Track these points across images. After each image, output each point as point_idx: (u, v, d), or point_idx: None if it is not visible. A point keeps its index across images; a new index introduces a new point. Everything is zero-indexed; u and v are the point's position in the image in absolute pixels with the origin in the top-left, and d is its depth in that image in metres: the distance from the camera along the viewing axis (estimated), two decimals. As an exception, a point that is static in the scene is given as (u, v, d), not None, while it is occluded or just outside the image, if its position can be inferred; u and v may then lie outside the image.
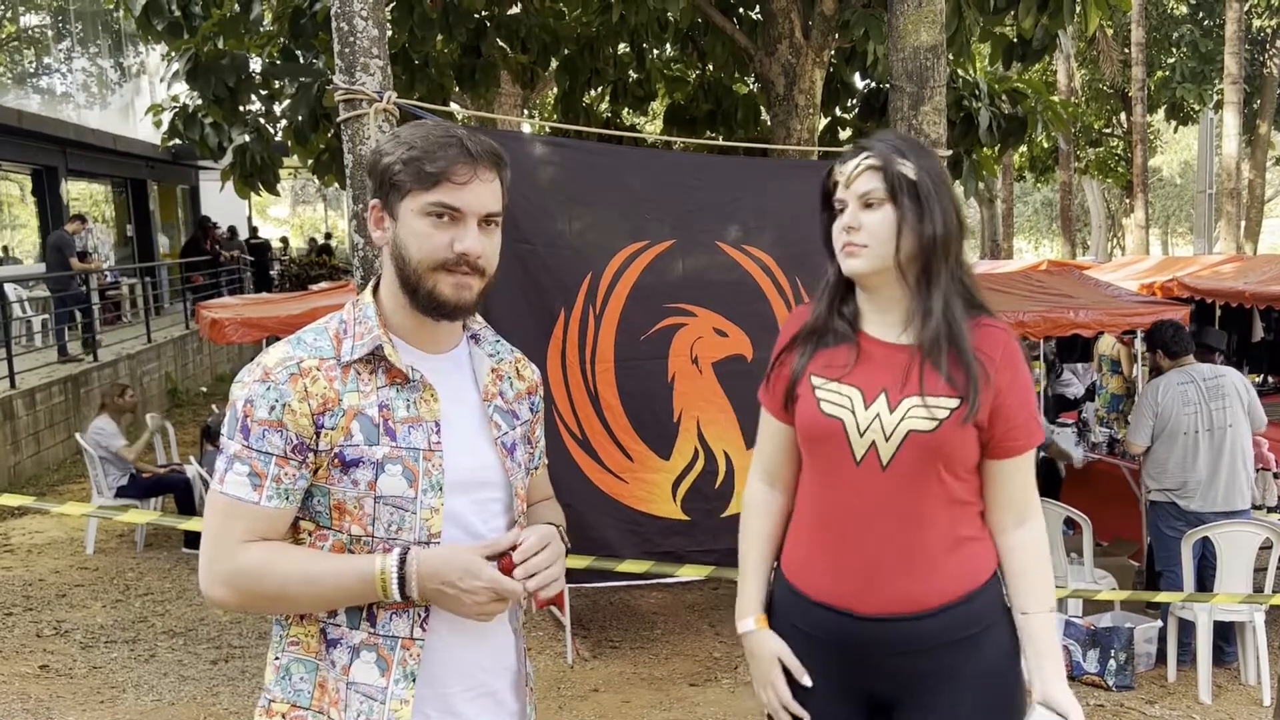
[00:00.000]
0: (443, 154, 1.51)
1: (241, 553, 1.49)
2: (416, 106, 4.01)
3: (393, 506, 1.51)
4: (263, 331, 6.42)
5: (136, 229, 18.81)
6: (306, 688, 1.53)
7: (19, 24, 17.92)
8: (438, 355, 1.62)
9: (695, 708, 4.47)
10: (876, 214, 1.73)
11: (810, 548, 1.84)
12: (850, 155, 1.78)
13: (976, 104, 7.11)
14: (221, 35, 6.81)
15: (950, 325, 1.73)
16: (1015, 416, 1.74)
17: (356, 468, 1.50)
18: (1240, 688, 4.75)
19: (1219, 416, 4.85)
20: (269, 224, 36.78)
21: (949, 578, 1.75)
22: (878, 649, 1.77)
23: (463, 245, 1.52)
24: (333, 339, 1.56)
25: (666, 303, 4.09)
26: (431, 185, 1.50)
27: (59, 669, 5.00)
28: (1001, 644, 1.78)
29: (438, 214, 1.51)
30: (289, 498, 1.50)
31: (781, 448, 1.92)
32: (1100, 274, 8.59)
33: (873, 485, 1.74)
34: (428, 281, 1.52)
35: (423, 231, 1.52)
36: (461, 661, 1.58)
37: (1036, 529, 1.80)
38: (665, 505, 4.09)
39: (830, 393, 1.79)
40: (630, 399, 4.04)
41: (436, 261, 1.51)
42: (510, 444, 1.65)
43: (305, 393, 1.49)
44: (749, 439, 4.12)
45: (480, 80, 7.67)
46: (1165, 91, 21.24)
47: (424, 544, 1.53)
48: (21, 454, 9.12)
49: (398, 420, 1.53)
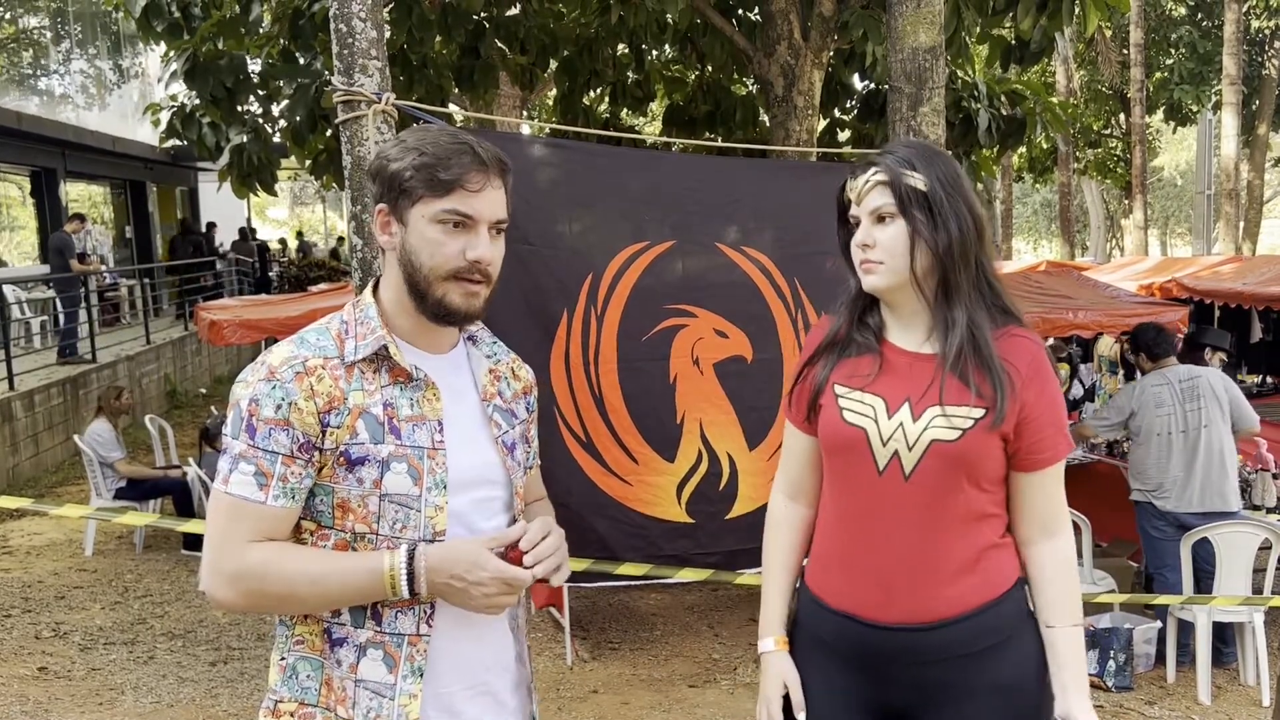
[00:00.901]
0: (457, 161, 1.51)
1: (247, 553, 1.49)
2: (415, 108, 4.01)
3: (398, 504, 1.52)
4: (261, 333, 6.42)
5: (135, 230, 18.82)
6: (314, 685, 1.54)
7: (18, 25, 17.91)
8: (437, 356, 1.63)
9: (695, 709, 4.46)
10: (889, 229, 1.72)
11: (830, 557, 1.84)
12: (860, 170, 1.77)
13: (975, 105, 7.11)
14: (221, 36, 6.81)
15: (974, 334, 1.71)
16: (1043, 429, 1.72)
17: (362, 466, 1.51)
18: (1239, 688, 4.75)
19: (1193, 417, 4.85)
20: (268, 225, 36.79)
21: (968, 588, 1.73)
22: (896, 658, 1.76)
23: (476, 253, 1.53)
24: (335, 339, 1.57)
25: (667, 304, 4.09)
26: (445, 193, 1.51)
27: (58, 671, 5.00)
28: (1026, 655, 1.76)
29: (453, 222, 1.52)
30: (295, 497, 1.51)
31: (805, 460, 1.92)
32: (1099, 275, 8.60)
33: (895, 495, 1.73)
34: (438, 289, 1.53)
35: (435, 239, 1.52)
36: (463, 660, 1.59)
37: (1064, 543, 1.78)
38: (670, 508, 4.08)
39: (853, 402, 1.78)
40: (633, 400, 4.04)
41: (449, 270, 1.53)
42: (510, 443, 1.67)
43: (311, 391, 1.50)
44: (751, 440, 4.12)
45: (479, 81, 7.66)
46: (1164, 93, 21.26)
47: (429, 541, 1.54)
48: (20, 456, 9.11)
49: (402, 419, 1.54)
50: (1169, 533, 4.83)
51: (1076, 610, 1.77)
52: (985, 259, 1.76)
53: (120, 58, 19.85)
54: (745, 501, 4.11)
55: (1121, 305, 6.08)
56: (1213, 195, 17.87)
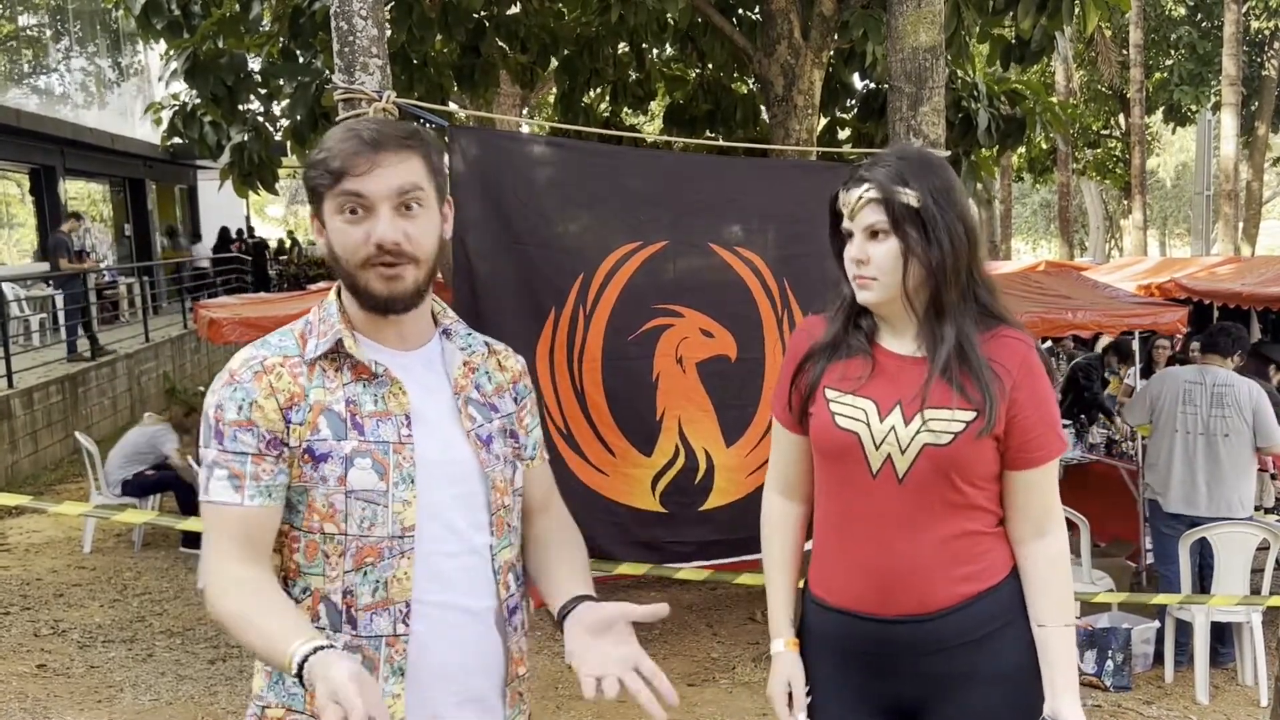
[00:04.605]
0: (340, 148, 1.52)
1: (228, 565, 1.48)
2: (416, 106, 4.01)
3: (365, 501, 1.51)
4: (261, 331, 6.31)
5: (134, 228, 18.81)
6: (300, 692, 1.52)
7: (17, 23, 17.89)
8: (406, 352, 1.61)
9: (693, 708, 4.47)
10: (882, 246, 1.72)
11: (828, 557, 1.85)
12: (853, 184, 1.76)
13: (975, 105, 7.11)
14: (221, 34, 6.80)
15: (963, 345, 1.72)
16: (1033, 429, 1.73)
17: (326, 462, 1.50)
18: (1237, 688, 4.75)
19: (1216, 424, 4.80)
20: (266, 223, 36.76)
21: (964, 579, 1.75)
22: (898, 650, 1.78)
23: (377, 235, 1.51)
24: (298, 339, 1.58)
25: (655, 303, 4.11)
26: (336, 181, 1.51)
27: (56, 668, 5.00)
28: (1023, 641, 1.77)
29: (350, 209, 1.51)
30: (272, 495, 1.50)
31: (796, 459, 1.92)
32: (1098, 275, 8.59)
33: (889, 497, 1.75)
34: (360, 279, 1.53)
35: (340, 229, 1.53)
36: (446, 665, 1.56)
37: (1057, 541, 1.78)
38: (643, 499, 4.12)
39: (845, 405, 1.78)
40: (615, 397, 4.06)
41: (361, 259, 1.52)
42: (486, 436, 1.63)
43: (271, 389, 1.50)
44: (729, 437, 4.15)
45: (479, 80, 7.66)
46: (1163, 93, 21.27)
47: (398, 538, 1.52)
48: (19, 453, 9.11)
49: (365, 415, 1.53)
50: (1180, 530, 4.78)
51: (1068, 610, 1.78)
52: (977, 267, 1.77)
53: (119, 56, 19.84)
54: (720, 494, 4.14)
55: (1120, 305, 6.09)
56: (1212, 196, 17.88)
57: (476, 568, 1.60)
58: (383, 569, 1.52)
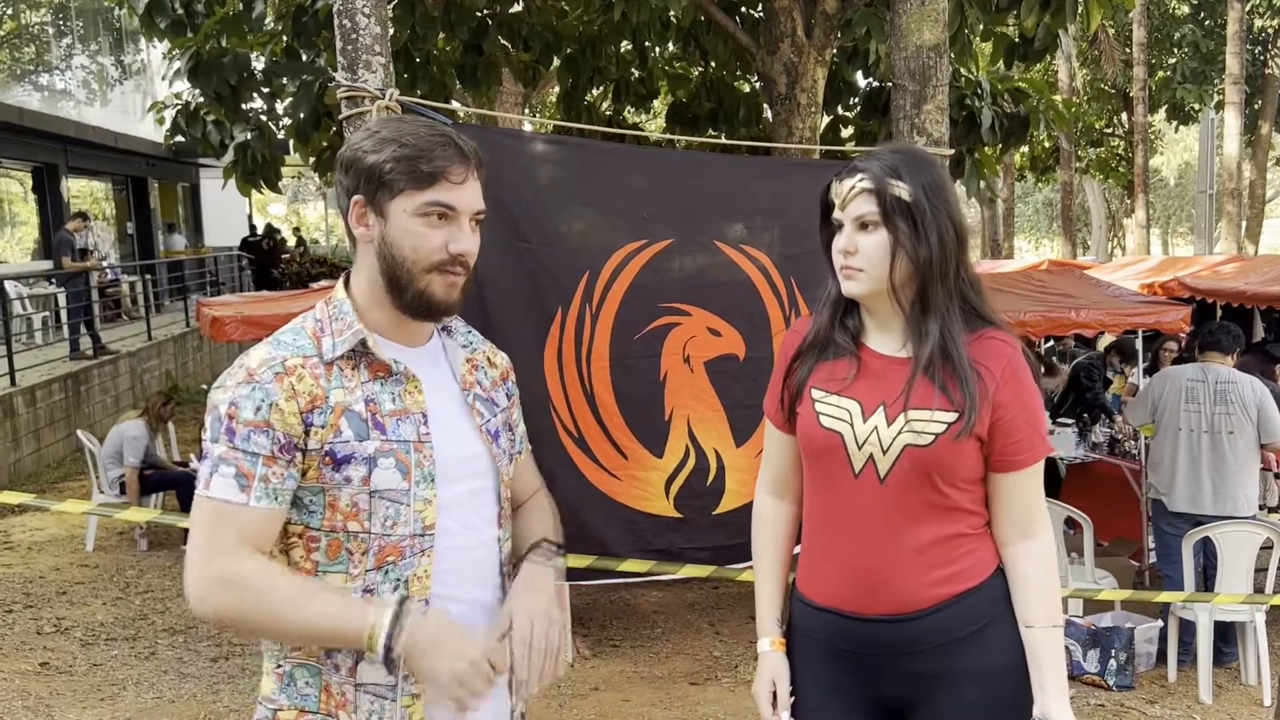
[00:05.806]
0: (439, 153, 1.50)
1: (237, 561, 1.44)
2: (419, 104, 4.01)
3: (388, 500, 1.51)
4: (264, 329, 6.39)
5: (137, 227, 18.81)
6: (313, 692, 1.52)
7: (20, 21, 17.91)
8: (414, 349, 1.62)
9: (696, 706, 4.47)
10: (872, 237, 1.72)
11: (815, 556, 1.86)
12: (847, 174, 1.76)
13: (979, 103, 7.11)
14: (224, 33, 6.81)
15: (947, 344, 1.72)
16: (1017, 431, 1.73)
17: (348, 464, 1.49)
18: (1241, 688, 4.74)
19: (1220, 421, 4.79)
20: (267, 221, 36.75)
21: (946, 579, 1.75)
22: (882, 650, 1.78)
23: (459, 246, 1.52)
24: (311, 337, 1.55)
25: (662, 302, 4.10)
26: (428, 185, 1.50)
27: (59, 666, 5.00)
28: (1011, 639, 1.77)
29: (436, 214, 1.51)
30: (278, 498, 1.48)
31: (786, 458, 1.93)
32: (1101, 274, 8.58)
33: (871, 497, 1.75)
34: (420, 282, 1.52)
35: (419, 231, 1.51)
36: None
37: (1042, 543, 1.78)
38: (658, 503, 4.10)
39: (830, 406, 1.79)
40: (624, 397, 4.05)
41: (433, 263, 1.52)
42: (494, 431, 1.67)
43: (292, 391, 1.48)
44: (739, 437, 4.14)
45: (482, 78, 7.67)
46: (1166, 91, 21.21)
47: (419, 536, 1.53)
48: (22, 451, 9.12)
49: (385, 414, 1.53)
50: (1184, 529, 4.77)
51: (1056, 611, 1.78)
52: (964, 266, 1.77)
53: (122, 54, 19.86)
54: (732, 497, 4.12)
55: (1123, 304, 6.08)
56: (1215, 194, 17.86)
57: (486, 560, 1.63)
58: (404, 567, 1.53)
